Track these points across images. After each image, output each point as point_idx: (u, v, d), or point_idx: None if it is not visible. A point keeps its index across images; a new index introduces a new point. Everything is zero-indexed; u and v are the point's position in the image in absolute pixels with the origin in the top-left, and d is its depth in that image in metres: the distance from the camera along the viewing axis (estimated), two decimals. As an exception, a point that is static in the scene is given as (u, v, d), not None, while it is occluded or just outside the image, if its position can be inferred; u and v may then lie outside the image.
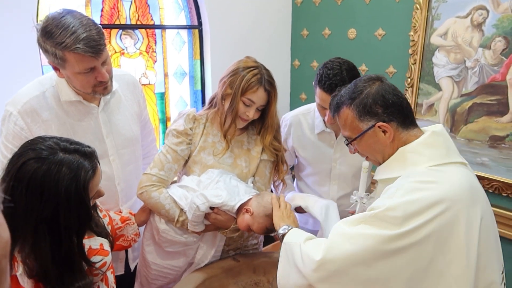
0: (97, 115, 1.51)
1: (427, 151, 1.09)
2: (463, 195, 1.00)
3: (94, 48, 1.28)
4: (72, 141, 1.11)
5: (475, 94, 2.07)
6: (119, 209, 1.62)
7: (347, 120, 1.17)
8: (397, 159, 1.13)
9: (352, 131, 1.18)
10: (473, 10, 2.01)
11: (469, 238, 0.98)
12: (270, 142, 1.61)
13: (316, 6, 2.79)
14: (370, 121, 1.13)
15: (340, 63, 1.57)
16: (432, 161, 1.07)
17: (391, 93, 1.13)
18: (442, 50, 2.17)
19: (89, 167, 1.08)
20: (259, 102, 1.51)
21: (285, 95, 3.12)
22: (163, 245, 1.59)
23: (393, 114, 1.12)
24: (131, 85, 1.67)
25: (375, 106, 1.12)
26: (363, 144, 1.18)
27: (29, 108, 1.40)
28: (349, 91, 1.17)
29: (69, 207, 1.04)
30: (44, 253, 1.02)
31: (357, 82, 1.18)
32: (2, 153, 1.42)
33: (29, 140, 1.11)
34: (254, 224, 1.47)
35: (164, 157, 1.55)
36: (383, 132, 1.13)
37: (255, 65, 1.51)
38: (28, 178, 1.01)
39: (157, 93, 2.66)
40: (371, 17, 2.49)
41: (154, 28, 2.53)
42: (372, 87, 1.14)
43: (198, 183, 1.52)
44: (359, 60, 2.57)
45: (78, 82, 1.37)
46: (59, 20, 1.26)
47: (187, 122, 1.58)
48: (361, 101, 1.13)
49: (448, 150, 1.11)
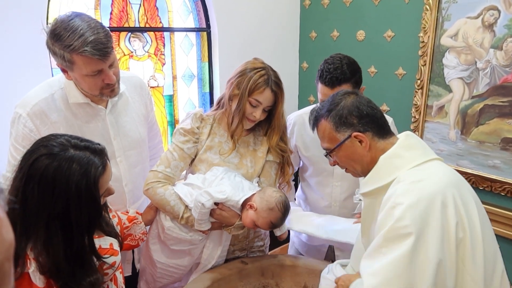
0: (105, 117, 1.52)
1: (407, 153, 1.13)
2: (452, 182, 1.07)
3: (102, 51, 1.29)
4: (82, 139, 1.13)
5: (487, 95, 2.04)
6: (126, 210, 1.63)
7: (325, 131, 1.23)
8: (381, 166, 1.15)
9: (330, 142, 1.22)
10: (484, 11, 1.98)
11: (472, 225, 1.03)
12: (277, 143, 1.62)
13: (325, 8, 2.78)
14: (346, 131, 1.18)
15: (341, 57, 1.61)
16: (414, 161, 1.11)
17: (366, 105, 1.19)
18: (453, 51, 2.14)
19: (99, 163, 1.10)
20: (266, 103, 1.51)
21: (294, 97, 3.11)
22: (168, 243, 1.60)
23: (368, 124, 1.17)
24: (138, 87, 1.68)
25: (351, 117, 1.18)
26: (341, 155, 1.22)
27: (38, 110, 1.41)
28: (327, 104, 1.23)
29: (79, 203, 1.05)
30: (56, 249, 1.04)
31: (334, 96, 1.24)
32: (12, 155, 1.44)
33: (42, 137, 1.13)
34: (258, 219, 1.48)
35: (170, 154, 1.57)
36: (360, 142, 1.17)
37: (262, 66, 1.52)
38: (40, 174, 1.03)
39: (166, 95, 2.66)
40: (380, 18, 2.47)
41: (162, 30, 2.54)
42: (347, 100, 1.20)
43: (203, 181, 1.54)
44: (368, 62, 2.55)
45: (86, 84, 1.38)
46: (68, 23, 1.27)
47: (194, 121, 1.59)
48: (337, 112, 1.19)
49: (424, 149, 1.16)
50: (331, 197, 1.85)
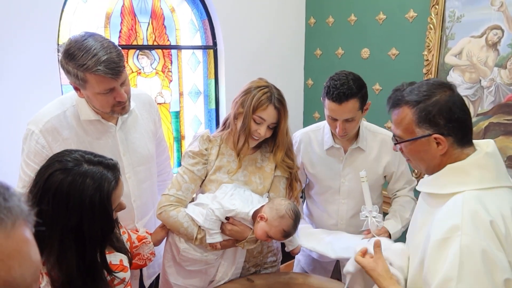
0: (115, 134, 1.54)
1: (477, 172, 1.06)
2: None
3: (114, 70, 1.31)
4: (96, 154, 1.15)
5: (492, 113, 2.06)
6: (135, 226, 1.63)
7: (403, 120, 1.13)
8: (445, 175, 1.11)
9: (405, 132, 1.14)
10: (488, 30, 2.01)
11: None
12: (282, 159, 1.64)
13: (329, 26, 2.83)
14: (428, 129, 1.09)
15: (346, 74, 1.63)
16: (481, 184, 1.05)
17: (459, 107, 1.09)
18: (457, 70, 2.16)
19: (112, 178, 1.12)
20: (270, 120, 1.54)
21: (299, 114, 3.13)
22: (183, 264, 1.60)
23: (453, 129, 1.08)
24: (147, 104, 1.71)
25: (439, 117, 1.07)
26: (411, 149, 1.15)
27: (50, 127, 1.44)
28: (416, 91, 1.11)
29: (93, 217, 1.07)
30: (70, 263, 1.05)
31: (428, 85, 1.12)
32: (24, 171, 1.45)
33: (56, 153, 1.16)
34: (271, 229, 1.48)
35: (181, 177, 1.59)
36: (437, 144, 1.09)
37: (265, 85, 1.57)
38: (54, 189, 1.05)
39: (172, 111, 2.70)
40: (384, 37, 2.50)
41: (170, 48, 2.58)
42: (442, 96, 1.08)
43: (213, 198, 1.55)
44: (372, 79, 2.58)
45: (98, 102, 1.40)
46: (82, 42, 1.30)
47: (201, 143, 1.62)
48: (426, 107, 1.08)
49: (498, 173, 1.08)
50: (337, 215, 1.85)
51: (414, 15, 2.32)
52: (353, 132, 1.71)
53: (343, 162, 1.79)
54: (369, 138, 1.79)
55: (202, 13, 2.65)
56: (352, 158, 1.79)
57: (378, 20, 2.52)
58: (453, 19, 2.13)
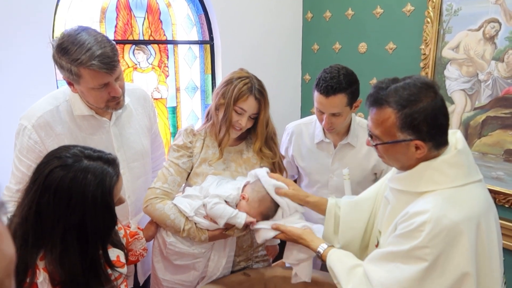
0: (109, 129, 1.53)
1: (450, 170, 1.08)
2: (481, 212, 1.06)
3: (109, 65, 1.30)
4: (95, 149, 1.14)
5: (489, 107, 2.05)
6: (129, 222, 1.63)
7: (385, 122, 1.09)
8: (418, 173, 1.11)
9: (385, 134, 1.11)
10: (485, 23, 2.00)
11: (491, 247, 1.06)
12: (259, 149, 1.65)
13: (327, 21, 2.81)
14: (410, 135, 1.07)
15: (339, 68, 1.62)
16: (454, 182, 1.07)
17: (442, 112, 1.07)
18: (454, 63, 2.15)
19: (113, 173, 1.12)
20: (251, 111, 1.55)
21: (296, 109, 3.12)
22: (171, 258, 1.59)
23: (434, 135, 1.08)
24: (142, 99, 1.70)
25: (423, 124, 1.05)
26: (388, 150, 1.14)
27: (43, 122, 1.42)
28: (401, 93, 1.07)
29: (95, 213, 1.07)
30: (72, 260, 1.04)
31: (415, 87, 1.07)
32: (16, 167, 1.44)
33: (54, 149, 1.15)
34: (250, 210, 1.49)
35: (167, 171, 1.60)
36: (416, 148, 1.09)
37: (246, 75, 1.58)
38: (55, 186, 1.04)
39: (169, 107, 2.68)
40: (381, 31, 2.49)
41: (166, 43, 2.57)
42: (426, 101, 1.05)
43: (200, 190, 1.56)
44: (370, 73, 2.56)
45: (92, 97, 1.39)
46: (75, 37, 1.29)
47: (185, 136, 1.64)
48: (412, 114, 1.05)
49: (469, 169, 1.11)
50: None
51: (411, 9, 2.31)
52: (340, 127, 1.70)
53: (332, 157, 1.79)
54: (361, 134, 1.78)
55: (199, 8, 2.63)
56: (342, 153, 1.79)
57: (375, 14, 2.50)
58: (450, 12, 2.12)
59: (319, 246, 1.34)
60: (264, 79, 1.63)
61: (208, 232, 1.53)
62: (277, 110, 2.67)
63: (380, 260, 1.13)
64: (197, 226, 1.53)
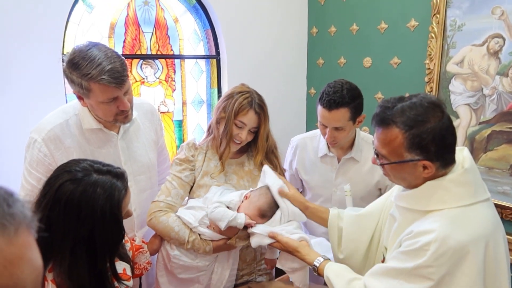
0: (116, 143, 1.56)
1: (457, 189, 1.07)
2: (488, 232, 1.05)
3: (118, 79, 1.33)
4: (104, 163, 1.16)
5: (494, 121, 2.05)
6: (134, 235, 1.64)
7: (393, 142, 1.08)
8: (425, 191, 1.11)
9: (391, 154, 1.10)
10: (489, 38, 2.01)
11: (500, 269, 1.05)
12: (260, 162, 1.67)
13: (331, 36, 2.84)
14: (418, 155, 1.06)
15: (342, 82, 1.63)
16: (460, 201, 1.06)
17: (451, 132, 1.06)
18: (459, 78, 2.16)
19: (122, 186, 1.14)
20: (251, 124, 1.58)
21: (301, 122, 3.14)
22: (175, 272, 1.60)
23: (442, 155, 1.06)
24: (149, 113, 1.73)
25: (431, 144, 1.04)
26: (395, 169, 1.13)
27: (53, 135, 1.45)
28: (408, 113, 1.06)
29: (104, 226, 1.08)
30: (81, 272, 1.05)
31: (422, 107, 1.06)
32: (26, 179, 1.46)
33: (64, 163, 1.17)
34: (249, 207, 1.50)
35: (170, 184, 1.62)
36: (423, 168, 1.08)
37: (247, 90, 1.61)
38: (65, 199, 1.06)
39: (175, 120, 2.71)
40: (386, 46, 2.51)
41: (173, 58, 2.61)
42: (434, 121, 1.04)
43: (204, 201, 1.57)
44: (375, 88, 2.58)
45: (101, 111, 1.42)
46: (86, 52, 1.32)
47: (187, 150, 1.66)
48: (420, 134, 1.04)
49: (476, 188, 1.09)
50: None
51: (415, 24, 2.34)
52: (343, 141, 1.71)
53: (335, 171, 1.79)
54: (365, 149, 1.78)
55: (205, 23, 2.68)
56: (345, 168, 1.79)
57: (379, 29, 2.53)
58: (454, 27, 2.14)
59: (315, 260, 1.34)
60: (269, 93, 1.66)
61: (213, 242, 1.54)
62: (283, 124, 2.71)
63: (382, 275, 1.12)
64: (201, 237, 1.54)
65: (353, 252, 1.40)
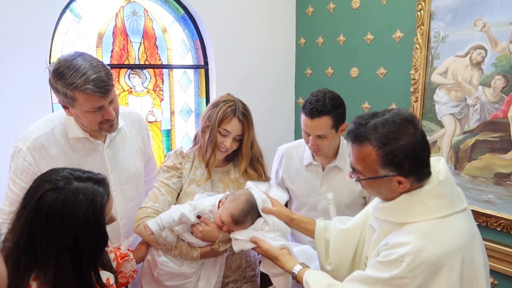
0: (103, 151, 1.55)
1: (432, 202, 1.09)
2: (464, 244, 1.07)
3: (103, 89, 1.33)
4: (84, 171, 1.16)
5: (478, 131, 2.09)
6: (120, 244, 1.62)
7: (367, 158, 1.10)
8: (401, 204, 1.13)
9: (366, 170, 1.12)
10: (472, 50, 2.06)
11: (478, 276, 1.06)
12: (244, 170, 1.69)
13: (319, 46, 2.88)
14: (391, 171, 1.08)
15: (325, 91, 1.67)
16: (436, 213, 1.08)
17: (423, 147, 1.08)
18: (443, 88, 2.20)
19: (104, 192, 1.13)
20: (235, 132, 1.60)
21: (290, 132, 3.16)
22: (162, 279, 1.59)
23: (416, 170, 1.09)
24: (136, 122, 1.73)
25: (404, 160, 1.06)
26: (370, 184, 1.16)
27: (38, 144, 1.44)
28: (381, 130, 1.08)
29: (87, 233, 1.07)
30: (66, 281, 1.04)
31: (394, 124, 1.08)
32: (10, 189, 1.45)
33: (42, 173, 1.16)
34: (223, 212, 1.50)
35: (158, 190, 1.63)
36: (398, 183, 1.10)
37: (231, 99, 1.64)
38: (47, 209, 1.05)
39: (163, 130, 2.71)
40: (372, 56, 2.55)
41: (161, 67, 2.61)
42: (407, 138, 1.06)
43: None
44: (362, 97, 2.62)
45: (86, 120, 1.41)
46: (71, 62, 1.32)
47: (174, 157, 1.68)
48: (393, 151, 1.06)
49: (451, 200, 1.11)
50: None
51: (400, 35, 2.38)
52: (327, 149, 1.73)
53: (320, 180, 1.81)
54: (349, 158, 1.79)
55: (194, 33, 2.69)
56: (330, 176, 1.81)
57: (366, 40, 2.57)
58: (438, 39, 2.19)
59: (293, 267, 1.35)
60: (258, 103, 1.68)
61: (200, 249, 1.54)
62: (271, 133, 2.72)
63: (360, 282, 1.14)
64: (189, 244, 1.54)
65: (340, 264, 1.41)
